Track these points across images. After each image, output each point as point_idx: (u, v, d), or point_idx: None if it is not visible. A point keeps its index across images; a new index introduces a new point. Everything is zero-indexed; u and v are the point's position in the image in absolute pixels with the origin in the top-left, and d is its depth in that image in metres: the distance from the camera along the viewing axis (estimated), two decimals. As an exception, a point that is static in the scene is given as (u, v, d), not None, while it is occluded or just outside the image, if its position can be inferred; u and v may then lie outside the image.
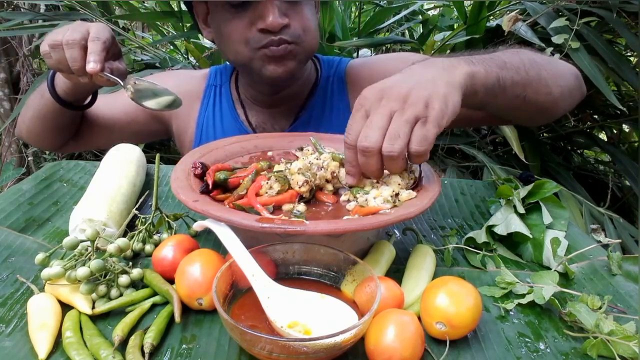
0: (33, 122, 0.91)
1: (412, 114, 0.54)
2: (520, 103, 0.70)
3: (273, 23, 0.75)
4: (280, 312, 0.48)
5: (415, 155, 0.54)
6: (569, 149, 1.96)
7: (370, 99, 0.57)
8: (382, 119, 0.54)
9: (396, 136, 0.53)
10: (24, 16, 1.70)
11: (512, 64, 0.67)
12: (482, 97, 0.63)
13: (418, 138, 0.53)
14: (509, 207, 0.72)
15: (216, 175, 0.62)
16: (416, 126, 0.54)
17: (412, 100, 0.54)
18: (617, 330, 0.49)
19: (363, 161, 0.56)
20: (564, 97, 0.76)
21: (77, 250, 0.55)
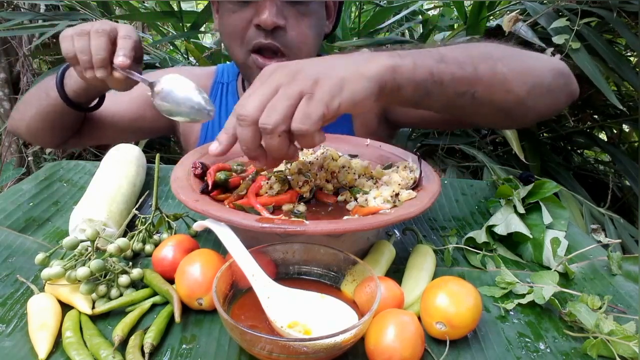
0: (35, 120, 0.88)
1: (296, 89, 0.49)
2: (468, 102, 0.62)
3: (267, 20, 0.75)
4: (280, 312, 0.48)
5: (298, 134, 0.49)
6: (569, 149, 1.96)
7: (265, 73, 0.53)
8: (266, 90, 0.50)
9: (273, 108, 0.49)
10: (24, 16, 1.70)
11: (454, 57, 0.60)
12: (410, 93, 0.57)
13: (299, 114, 0.49)
14: (509, 207, 0.72)
15: (217, 176, 0.62)
16: (301, 102, 0.49)
17: (301, 76, 0.51)
18: (617, 330, 0.49)
19: (239, 132, 0.51)
20: (533, 96, 0.66)
21: (77, 250, 0.55)
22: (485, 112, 0.66)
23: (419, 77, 0.56)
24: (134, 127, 0.98)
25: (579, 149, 2.03)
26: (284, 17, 0.77)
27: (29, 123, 0.90)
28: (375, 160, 0.72)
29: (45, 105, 0.84)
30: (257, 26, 0.77)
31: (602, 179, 1.80)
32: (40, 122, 0.88)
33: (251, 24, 0.78)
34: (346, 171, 0.66)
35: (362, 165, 0.67)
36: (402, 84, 0.55)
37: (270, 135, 0.49)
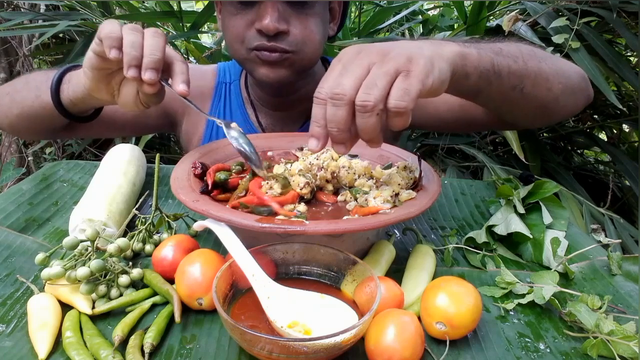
0: (21, 120, 0.81)
1: (392, 66, 0.48)
2: (517, 96, 0.66)
3: (268, 25, 0.74)
4: (280, 312, 0.48)
5: (395, 112, 0.48)
6: (569, 149, 1.96)
7: (349, 53, 0.52)
8: (358, 69, 0.49)
9: (372, 84, 0.47)
10: (24, 16, 1.70)
11: (509, 52, 0.63)
12: (475, 81, 0.59)
13: (399, 91, 0.47)
14: (509, 207, 0.72)
15: (216, 176, 0.62)
16: (397, 79, 0.48)
17: (393, 54, 0.49)
18: (617, 330, 0.49)
19: (331, 113, 0.48)
20: (565, 95, 0.72)
21: (77, 250, 0.55)
22: (527, 108, 0.71)
23: (483, 66, 0.59)
24: (137, 123, 0.96)
25: (579, 149, 2.03)
26: (286, 21, 0.76)
27: (13, 121, 0.83)
28: (375, 160, 0.72)
29: (35, 107, 0.77)
30: (259, 30, 0.76)
31: (602, 179, 1.80)
32: (25, 122, 0.82)
33: (253, 27, 0.77)
34: (346, 171, 0.66)
35: (362, 165, 0.67)
36: (469, 71, 0.57)
37: (370, 114, 0.47)
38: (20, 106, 0.80)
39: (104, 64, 0.60)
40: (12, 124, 0.84)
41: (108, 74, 0.62)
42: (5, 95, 0.83)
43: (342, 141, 0.51)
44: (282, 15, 0.75)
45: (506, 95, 0.66)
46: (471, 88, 0.61)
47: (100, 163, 0.81)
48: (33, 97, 0.76)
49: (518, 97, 0.67)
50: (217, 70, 1.00)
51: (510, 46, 0.65)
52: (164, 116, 0.98)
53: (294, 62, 0.79)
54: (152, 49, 0.58)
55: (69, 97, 0.71)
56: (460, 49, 0.56)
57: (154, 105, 0.64)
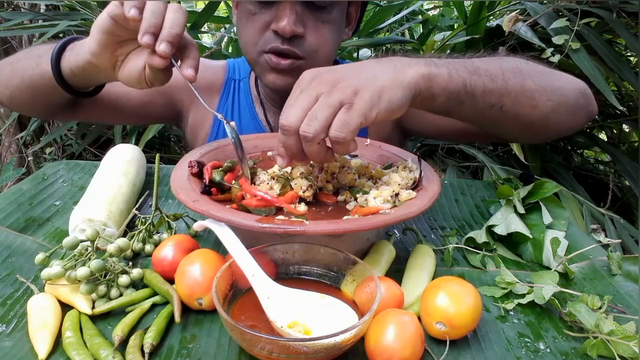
0: (20, 91, 0.78)
1: (337, 98, 0.51)
2: (496, 114, 0.65)
3: (285, 27, 0.73)
4: (280, 312, 0.48)
5: (335, 141, 0.52)
6: (569, 149, 1.96)
7: (305, 79, 0.55)
8: (306, 99, 0.52)
9: (314, 117, 0.51)
10: (24, 16, 1.70)
11: (486, 70, 0.62)
12: (443, 102, 0.59)
13: (338, 123, 0.51)
14: (509, 207, 0.72)
15: (212, 176, 0.62)
16: (340, 111, 0.51)
17: (341, 85, 0.52)
18: (617, 330, 0.49)
19: (283, 140, 0.54)
20: (557, 113, 0.68)
21: (77, 250, 0.55)
22: (510, 125, 0.69)
23: (453, 87, 0.58)
24: (142, 111, 0.94)
25: (579, 149, 2.03)
26: (303, 24, 0.76)
27: (14, 93, 0.80)
28: (375, 160, 0.72)
29: (35, 77, 0.73)
30: (275, 32, 0.76)
31: (602, 179, 1.80)
32: (25, 93, 0.78)
33: (269, 28, 0.77)
34: (346, 171, 0.66)
35: (362, 165, 0.67)
36: (436, 93, 0.58)
37: (310, 143, 0.52)
38: (20, 75, 0.76)
39: (117, 29, 0.59)
40: (13, 95, 0.80)
41: (116, 42, 0.61)
42: (8, 65, 0.80)
43: (300, 159, 0.57)
44: (300, 18, 0.75)
45: (483, 113, 0.64)
46: (440, 108, 0.61)
47: (100, 163, 0.81)
48: (33, 65, 0.73)
49: (497, 115, 0.65)
50: (226, 67, 0.99)
51: (491, 64, 0.64)
52: (171, 107, 0.96)
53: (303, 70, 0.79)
54: (172, 22, 0.57)
55: (69, 66, 0.68)
56: (427, 70, 0.56)
57: (159, 84, 0.62)
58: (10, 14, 1.73)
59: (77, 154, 1.89)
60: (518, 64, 0.67)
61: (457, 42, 1.76)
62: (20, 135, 1.91)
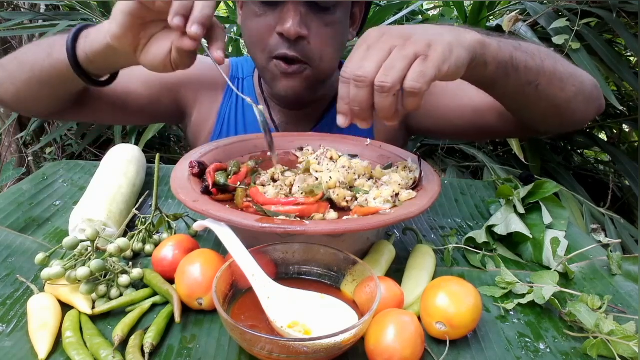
0: (28, 85, 0.75)
1: (412, 50, 0.52)
2: (532, 92, 0.68)
3: (290, 30, 0.74)
4: (280, 312, 0.48)
5: (410, 92, 0.51)
6: (569, 149, 1.96)
7: (372, 36, 0.55)
8: (380, 53, 0.52)
9: (391, 67, 0.51)
10: (24, 16, 1.70)
11: (527, 48, 0.66)
12: (492, 71, 0.61)
13: (415, 73, 0.51)
14: (509, 207, 0.72)
15: (215, 179, 0.61)
16: (415, 62, 0.52)
17: (414, 39, 0.53)
18: (617, 330, 0.49)
19: (354, 93, 0.53)
20: (577, 100, 0.73)
21: (77, 250, 0.55)
22: (540, 106, 0.72)
23: (502, 57, 0.61)
24: (148, 110, 0.92)
25: (579, 149, 2.03)
26: (307, 26, 0.76)
27: (20, 88, 0.76)
28: (375, 160, 0.72)
29: (46, 67, 0.71)
30: (280, 34, 0.76)
31: (602, 179, 1.80)
32: (34, 87, 0.75)
33: (274, 31, 0.77)
34: (346, 171, 0.65)
35: (362, 165, 0.67)
36: (488, 60, 0.60)
37: (387, 94, 0.51)
38: (29, 68, 0.73)
39: (143, 10, 0.57)
40: (19, 91, 0.77)
41: (140, 24, 0.58)
42: (13, 60, 0.77)
43: (364, 118, 0.55)
44: (304, 19, 0.75)
45: (521, 89, 0.67)
46: (488, 77, 0.63)
47: (100, 163, 0.81)
48: (44, 56, 0.70)
49: (532, 93, 0.68)
50: (230, 65, 0.99)
51: (529, 44, 0.68)
52: (176, 105, 0.96)
53: (310, 76, 0.80)
54: (203, 4, 0.56)
55: (86, 52, 0.65)
56: (481, 38, 0.58)
57: (184, 68, 0.61)
58: (10, 14, 1.73)
59: (77, 154, 1.89)
60: (549, 50, 0.71)
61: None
62: (20, 135, 1.91)
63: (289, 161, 0.74)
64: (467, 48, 0.56)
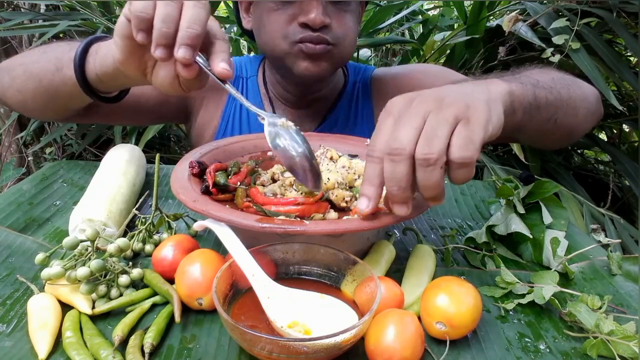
0: (36, 96, 0.72)
1: (451, 114, 0.44)
2: (551, 126, 0.65)
3: (315, 19, 0.75)
4: (280, 312, 0.48)
5: (460, 163, 0.44)
6: (569, 149, 1.96)
7: (400, 104, 0.48)
8: (415, 119, 0.45)
9: (433, 135, 0.43)
10: (24, 16, 1.69)
11: (545, 82, 0.61)
12: (520, 118, 0.56)
13: (462, 140, 0.43)
14: (509, 207, 0.72)
15: (215, 179, 0.61)
16: (458, 127, 0.44)
17: (449, 101, 0.46)
18: (617, 330, 0.49)
19: (390, 171, 0.45)
20: (586, 120, 0.73)
21: (77, 250, 0.55)
22: (557, 135, 0.70)
23: (527, 101, 0.56)
24: (159, 110, 0.92)
25: (579, 149, 2.03)
26: (329, 15, 0.78)
27: (27, 97, 0.74)
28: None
29: (55, 82, 0.68)
30: (303, 24, 0.77)
31: (602, 179, 1.80)
32: (42, 98, 0.72)
33: (294, 21, 0.78)
34: (346, 171, 0.65)
35: (362, 165, 0.67)
36: (516, 108, 0.55)
37: (433, 167, 0.43)
38: (37, 79, 0.70)
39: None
40: (26, 100, 0.75)
41: (142, 46, 0.52)
42: (18, 66, 0.74)
43: (404, 201, 0.47)
44: (325, 9, 0.77)
45: (542, 127, 0.64)
46: (516, 124, 0.57)
47: (100, 163, 0.81)
48: (53, 70, 0.67)
49: (551, 128, 0.66)
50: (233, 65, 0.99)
51: (544, 76, 0.63)
52: (184, 105, 0.96)
53: (334, 55, 0.81)
54: (190, 21, 0.48)
55: (96, 72, 0.62)
56: (508, 87, 0.53)
57: (196, 89, 0.55)
58: (10, 14, 1.73)
59: (77, 154, 1.89)
60: (560, 75, 0.68)
61: (457, 42, 1.76)
62: (20, 135, 1.91)
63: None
64: (500, 101, 0.50)
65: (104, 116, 0.87)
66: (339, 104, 0.96)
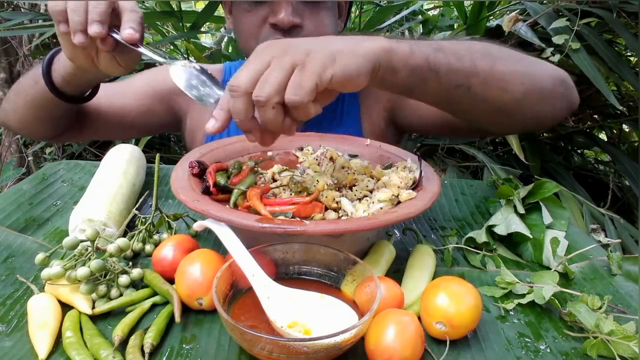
0: (25, 110, 0.82)
1: (288, 60, 0.49)
2: (463, 95, 0.62)
3: (284, 20, 0.75)
4: (280, 312, 0.48)
5: (291, 105, 0.48)
6: (569, 149, 1.96)
7: (260, 47, 0.53)
8: (258, 63, 0.50)
9: (265, 80, 0.49)
10: (24, 16, 1.70)
11: (452, 49, 0.60)
12: (404, 77, 0.56)
13: (292, 86, 0.48)
14: (509, 207, 0.72)
15: (216, 180, 0.61)
16: (294, 72, 0.49)
17: (293, 49, 0.50)
18: (617, 330, 0.49)
19: (231, 104, 0.50)
20: (530, 99, 0.67)
21: (77, 250, 0.55)
22: (482, 110, 0.67)
23: (415, 62, 0.56)
24: (142, 122, 0.95)
25: (579, 149, 2.03)
26: (300, 15, 0.77)
27: (21, 115, 0.84)
28: (375, 160, 0.72)
29: (34, 93, 0.77)
30: (273, 25, 0.77)
31: (602, 179, 1.80)
32: (30, 112, 0.81)
33: (266, 23, 0.78)
34: (346, 171, 0.66)
35: (362, 165, 0.67)
36: (397, 67, 0.55)
37: (265, 108, 0.49)
38: (23, 96, 0.80)
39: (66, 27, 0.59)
40: (21, 118, 0.84)
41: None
42: (12, 91, 0.85)
43: (247, 130, 0.52)
44: (296, 9, 0.77)
45: (449, 93, 0.62)
46: (402, 84, 0.58)
47: (100, 163, 0.81)
48: (32, 84, 0.76)
49: (464, 96, 0.63)
50: (223, 69, 1.00)
51: (459, 44, 0.63)
52: (171, 113, 0.98)
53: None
54: (94, 10, 0.56)
55: (60, 74, 0.71)
56: (387, 44, 0.54)
57: (133, 63, 0.63)
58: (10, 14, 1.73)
59: (77, 154, 1.89)
60: (489, 47, 0.65)
61: (457, 42, 1.75)
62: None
63: (289, 161, 0.74)
64: (363, 55, 0.52)
65: (94, 130, 0.92)
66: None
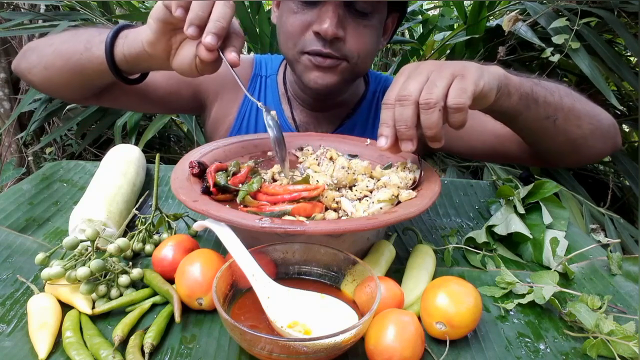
0: (61, 73, 0.78)
1: (448, 72, 0.57)
2: (550, 126, 0.72)
3: (327, 30, 0.74)
4: (280, 312, 0.48)
5: (454, 108, 0.55)
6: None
7: (409, 68, 0.60)
8: (420, 76, 0.57)
9: (433, 85, 0.56)
10: (24, 16, 1.70)
11: (546, 85, 0.70)
12: (515, 102, 0.65)
13: (456, 90, 0.55)
14: (509, 207, 0.72)
15: (216, 180, 0.61)
16: (454, 81, 0.56)
17: (448, 64, 0.58)
18: (617, 330, 0.49)
19: (399, 113, 0.56)
20: (594, 137, 0.77)
21: (77, 250, 0.55)
22: (557, 140, 0.76)
23: (524, 90, 0.66)
24: (166, 100, 0.94)
25: (579, 149, 2.03)
26: (343, 28, 0.77)
27: (52, 74, 0.79)
28: (375, 160, 0.72)
29: (82, 60, 0.73)
30: (316, 33, 0.77)
31: (602, 179, 1.79)
32: (69, 75, 0.78)
33: (309, 29, 0.77)
34: (346, 171, 0.65)
35: (362, 165, 0.67)
36: (512, 91, 0.64)
37: (432, 110, 0.55)
38: (65, 57, 0.76)
39: (172, 17, 0.60)
40: (51, 77, 0.80)
41: (171, 30, 0.62)
42: (49, 46, 0.80)
43: (409, 137, 0.57)
44: (341, 21, 0.76)
45: (541, 122, 0.71)
46: (512, 107, 0.66)
47: (100, 163, 0.81)
48: (82, 49, 0.73)
49: (550, 127, 0.72)
50: (253, 62, 0.99)
51: (548, 82, 0.72)
52: (196, 98, 0.97)
53: (345, 70, 0.80)
54: (219, 15, 0.59)
55: (123, 53, 0.68)
56: (504, 71, 0.63)
57: (208, 73, 0.64)
58: (10, 14, 1.73)
59: (77, 154, 1.89)
60: (569, 89, 0.75)
61: (457, 42, 1.76)
62: (20, 135, 1.91)
63: (289, 161, 0.74)
64: (494, 76, 0.60)
65: (112, 99, 0.90)
66: (358, 111, 0.95)
